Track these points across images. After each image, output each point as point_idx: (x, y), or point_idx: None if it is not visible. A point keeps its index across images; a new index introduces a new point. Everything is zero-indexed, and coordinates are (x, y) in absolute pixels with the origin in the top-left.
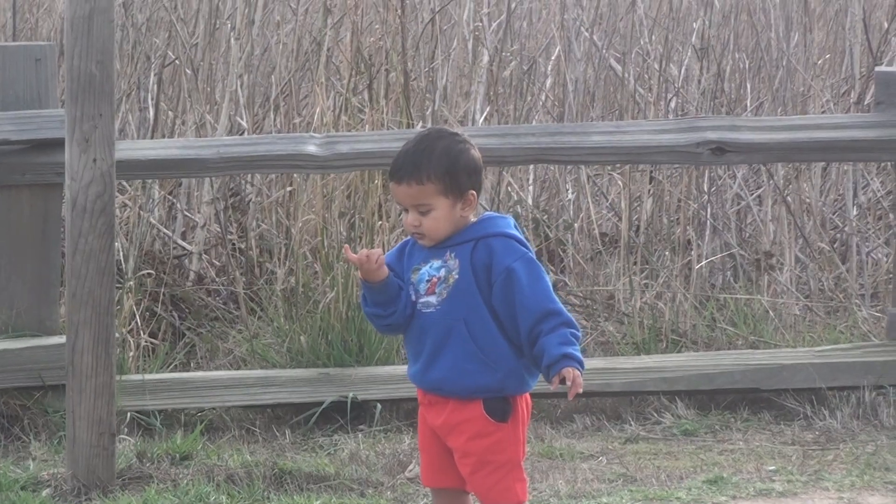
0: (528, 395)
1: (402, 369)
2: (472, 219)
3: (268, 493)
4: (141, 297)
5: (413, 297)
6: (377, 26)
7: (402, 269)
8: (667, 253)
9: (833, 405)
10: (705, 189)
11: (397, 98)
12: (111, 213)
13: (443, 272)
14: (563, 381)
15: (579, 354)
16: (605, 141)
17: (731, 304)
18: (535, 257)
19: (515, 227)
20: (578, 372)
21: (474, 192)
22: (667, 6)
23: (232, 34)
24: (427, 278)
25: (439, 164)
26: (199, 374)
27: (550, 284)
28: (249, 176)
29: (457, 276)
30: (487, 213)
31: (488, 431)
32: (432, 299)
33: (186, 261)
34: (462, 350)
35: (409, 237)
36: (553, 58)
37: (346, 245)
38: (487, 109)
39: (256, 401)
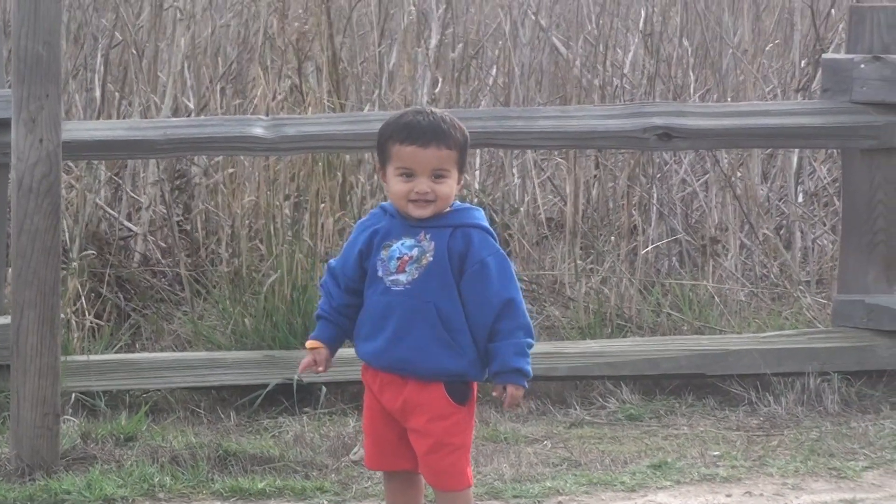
0: None
1: (349, 352)
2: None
3: (212, 475)
4: (86, 278)
5: (380, 273)
6: (300, 11)
7: (372, 257)
8: (612, 238)
9: (778, 391)
10: (651, 174)
11: (336, 81)
12: (57, 193)
13: (415, 252)
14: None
15: (529, 367)
16: (551, 125)
17: (676, 290)
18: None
19: (485, 220)
20: (521, 391)
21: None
22: None
23: (178, 13)
24: (398, 255)
25: (458, 136)
26: (144, 355)
27: (517, 283)
28: (196, 157)
29: (431, 259)
30: (459, 203)
31: (448, 413)
32: (402, 277)
33: (132, 242)
34: (430, 332)
35: (368, 217)
36: (500, 44)
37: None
38: (437, 89)
39: (201, 382)
